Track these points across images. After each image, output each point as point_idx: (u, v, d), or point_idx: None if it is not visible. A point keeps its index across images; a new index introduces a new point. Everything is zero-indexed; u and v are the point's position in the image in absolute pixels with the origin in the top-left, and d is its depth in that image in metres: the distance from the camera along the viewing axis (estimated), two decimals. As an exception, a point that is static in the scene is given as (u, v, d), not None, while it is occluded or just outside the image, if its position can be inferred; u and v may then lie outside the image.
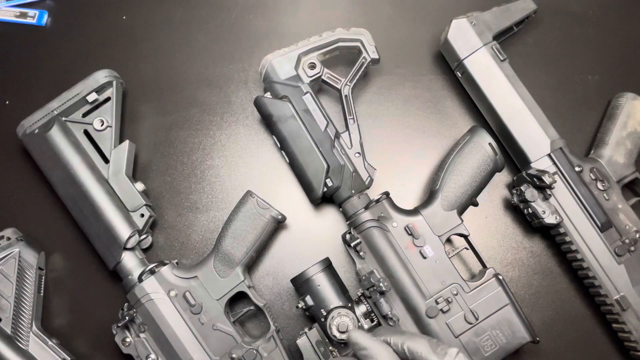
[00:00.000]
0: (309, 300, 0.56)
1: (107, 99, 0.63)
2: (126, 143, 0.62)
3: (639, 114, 0.65)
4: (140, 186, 0.63)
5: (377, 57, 0.62)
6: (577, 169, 0.61)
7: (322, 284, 0.56)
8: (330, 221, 0.65)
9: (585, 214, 0.60)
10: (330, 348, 0.56)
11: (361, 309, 0.57)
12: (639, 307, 0.59)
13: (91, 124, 0.63)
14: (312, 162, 0.59)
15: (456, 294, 0.57)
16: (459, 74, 0.66)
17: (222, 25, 0.71)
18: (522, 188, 0.61)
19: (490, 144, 0.60)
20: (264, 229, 0.59)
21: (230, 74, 0.70)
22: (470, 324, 0.56)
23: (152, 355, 0.57)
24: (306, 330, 0.57)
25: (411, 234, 0.58)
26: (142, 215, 0.61)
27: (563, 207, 0.61)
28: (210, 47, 0.70)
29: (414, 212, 0.60)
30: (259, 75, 0.63)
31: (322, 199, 0.61)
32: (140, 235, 0.61)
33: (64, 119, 0.62)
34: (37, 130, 0.62)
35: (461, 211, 0.60)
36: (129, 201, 0.61)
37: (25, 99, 0.68)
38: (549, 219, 0.60)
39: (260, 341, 0.58)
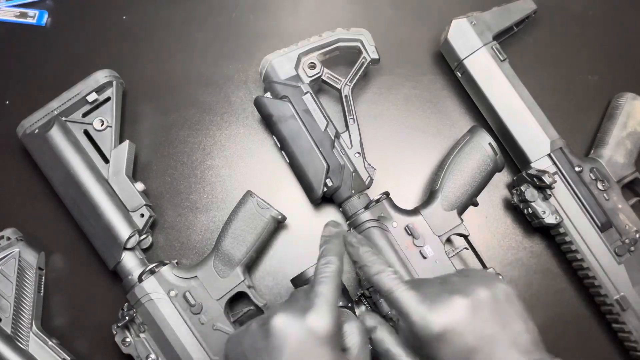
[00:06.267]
0: (309, 300, 0.56)
1: (107, 99, 0.63)
2: (126, 143, 0.62)
3: (639, 114, 0.65)
4: (140, 186, 0.62)
5: (377, 57, 0.62)
6: (577, 169, 0.61)
7: (322, 284, 0.56)
8: (330, 221, 0.65)
9: (585, 214, 0.60)
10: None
11: (361, 309, 0.57)
12: (639, 307, 0.59)
13: (91, 124, 0.63)
14: (312, 162, 0.59)
15: (456, 294, 0.57)
16: (459, 74, 0.66)
17: (222, 25, 0.71)
18: (522, 188, 0.61)
19: (490, 144, 0.60)
20: (264, 229, 0.59)
21: (230, 74, 0.70)
22: (470, 324, 0.56)
23: (152, 355, 0.57)
24: (306, 330, 0.57)
25: (411, 234, 0.58)
26: (142, 215, 0.61)
27: (563, 207, 0.61)
28: (210, 47, 0.70)
29: (414, 212, 0.60)
30: (259, 75, 0.63)
31: (322, 199, 0.61)
32: (140, 235, 0.61)
33: (64, 119, 0.62)
34: (37, 130, 0.62)
35: (461, 211, 0.60)
36: (129, 201, 0.61)
37: (25, 99, 0.68)
38: (549, 219, 0.60)
39: (260, 341, 0.58)
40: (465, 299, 0.39)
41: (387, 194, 0.60)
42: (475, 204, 0.62)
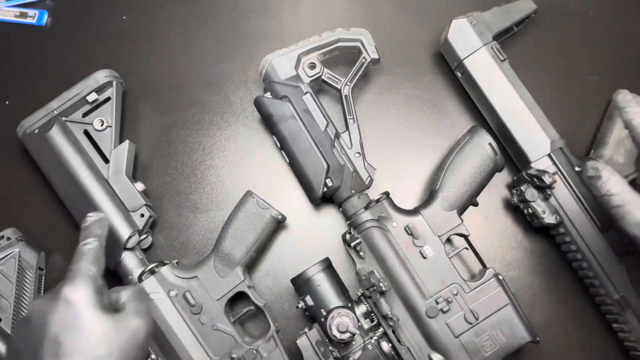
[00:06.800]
0: (309, 300, 0.56)
1: (107, 99, 0.63)
2: (126, 143, 0.62)
3: (639, 114, 0.65)
4: (140, 186, 0.63)
5: (377, 57, 0.62)
6: (577, 169, 0.61)
7: (322, 284, 0.56)
8: (330, 221, 0.65)
9: (585, 214, 0.60)
10: (330, 348, 0.56)
11: (361, 309, 0.57)
12: (639, 307, 0.59)
13: (91, 124, 0.63)
14: (312, 162, 0.60)
15: (456, 294, 0.57)
16: (459, 74, 0.66)
17: (222, 25, 0.71)
18: (522, 188, 0.61)
19: (490, 144, 0.60)
20: (264, 229, 0.59)
21: (230, 74, 0.70)
22: (470, 324, 0.56)
23: (153, 355, 0.57)
24: (306, 330, 0.57)
25: (411, 234, 0.58)
26: (142, 215, 0.61)
27: (563, 207, 0.61)
28: (210, 47, 0.70)
29: (414, 212, 0.60)
30: (259, 75, 0.63)
31: (322, 199, 0.61)
32: (140, 235, 0.61)
33: (64, 119, 0.62)
34: (37, 130, 0.62)
35: (461, 211, 0.60)
36: (129, 201, 0.61)
37: (25, 99, 0.68)
38: (549, 219, 0.60)
39: (260, 341, 0.58)
40: None
41: (387, 194, 0.60)
42: (475, 204, 0.62)
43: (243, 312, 0.60)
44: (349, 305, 0.56)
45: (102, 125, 0.63)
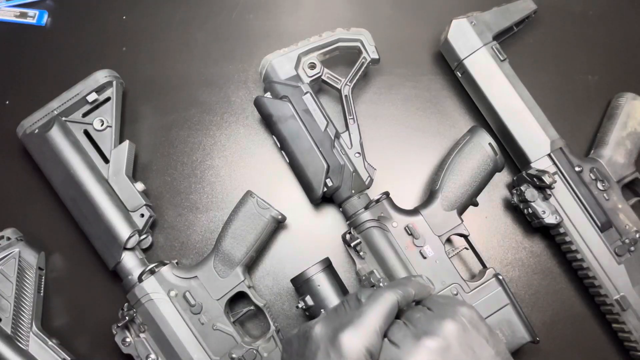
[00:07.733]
0: (309, 300, 0.56)
1: (107, 99, 0.63)
2: (126, 143, 0.62)
3: (639, 114, 0.65)
4: (140, 186, 0.63)
5: (377, 57, 0.62)
6: (577, 169, 0.61)
7: (322, 284, 0.56)
8: (330, 221, 0.65)
9: (585, 214, 0.60)
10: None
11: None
12: (639, 307, 0.59)
13: (91, 124, 0.63)
14: (312, 162, 0.59)
15: (456, 294, 0.57)
16: (459, 74, 0.66)
17: (222, 25, 0.71)
18: (522, 188, 0.61)
19: (490, 144, 0.60)
20: (264, 229, 0.59)
21: (230, 74, 0.70)
22: (470, 324, 0.56)
23: (152, 355, 0.57)
24: (306, 330, 0.57)
25: (411, 234, 0.58)
26: (142, 215, 0.61)
27: (563, 207, 0.61)
28: (210, 47, 0.70)
29: (414, 212, 0.60)
30: (259, 75, 0.63)
31: (322, 199, 0.61)
32: (140, 235, 0.61)
33: (64, 119, 0.62)
34: (37, 130, 0.62)
35: (461, 211, 0.60)
36: (129, 201, 0.61)
37: (25, 99, 0.68)
38: (549, 219, 0.60)
39: (260, 341, 0.58)
40: (433, 340, 0.36)
41: (387, 194, 0.60)
42: (475, 204, 0.62)
43: (243, 312, 0.61)
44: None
45: (102, 125, 0.63)
